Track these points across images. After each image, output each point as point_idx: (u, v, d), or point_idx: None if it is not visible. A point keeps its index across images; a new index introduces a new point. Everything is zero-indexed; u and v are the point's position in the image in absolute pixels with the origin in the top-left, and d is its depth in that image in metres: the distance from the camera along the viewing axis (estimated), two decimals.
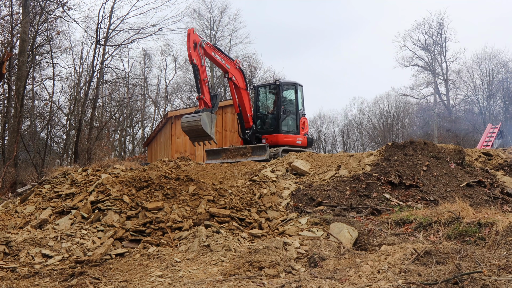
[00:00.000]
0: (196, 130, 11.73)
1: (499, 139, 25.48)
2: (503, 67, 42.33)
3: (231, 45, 39.17)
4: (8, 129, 20.29)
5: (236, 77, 13.96)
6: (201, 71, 12.21)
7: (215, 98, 12.54)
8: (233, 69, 13.87)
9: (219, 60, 13.37)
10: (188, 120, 11.92)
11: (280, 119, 14.73)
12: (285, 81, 16.05)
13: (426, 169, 10.02)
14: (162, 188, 8.47)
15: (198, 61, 12.19)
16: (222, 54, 13.58)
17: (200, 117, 11.66)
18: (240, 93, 14.13)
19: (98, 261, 6.21)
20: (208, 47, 12.77)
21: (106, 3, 21.75)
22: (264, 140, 14.55)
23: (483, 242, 6.43)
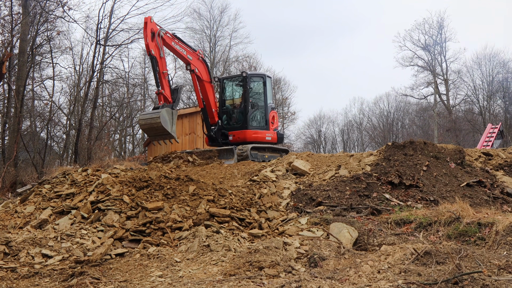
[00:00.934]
0: (156, 128, 10.87)
1: (499, 139, 25.46)
2: (503, 67, 42.30)
3: (231, 45, 39.17)
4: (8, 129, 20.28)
5: (199, 69, 12.99)
6: (160, 63, 11.32)
7: (176, 93, 11.69)
8: (195, 60, 12.91)
9: (180, 51, 12.39)
10: (146, 117, 11.06)
11: (248, 114, 13.76)
12: (253, 73, 14.88)
13: (426, 169, 10.02)
14: (162, 188, 8.47)
15: (156, 52, 11.26)
16: (183, 44, 12.60)
17: (160, 113, 10.76)
18: (204, 86, 13.22)
19: (98, 261, 6.21)
20: (168, 37, 11.80)
21: (106, 3, 21.78)
22: (231, 137, 13.71)
23: (483, 242, 6.43)
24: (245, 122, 13.75)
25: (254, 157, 12.86)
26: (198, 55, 13.03)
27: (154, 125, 10.78)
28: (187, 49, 12.64)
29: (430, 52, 43.65)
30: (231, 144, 13.52)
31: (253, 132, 13.76)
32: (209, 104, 13.44)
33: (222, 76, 14.89)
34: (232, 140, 13.68)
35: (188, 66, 12.84)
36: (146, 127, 11.07)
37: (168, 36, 11.78)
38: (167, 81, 11.40)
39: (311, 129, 54.36)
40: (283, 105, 41.07)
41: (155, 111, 11.05)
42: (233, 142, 13.64)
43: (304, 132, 53.84)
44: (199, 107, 13.84)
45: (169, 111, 10.98)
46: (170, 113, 10.99)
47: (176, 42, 12.18)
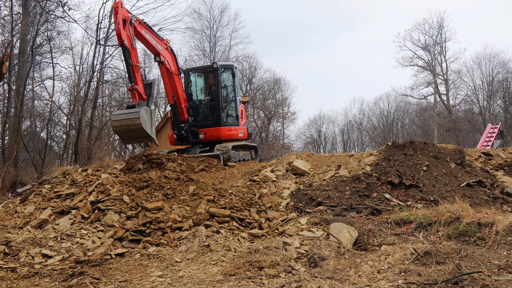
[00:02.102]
0: (133, 130, 9.44)
1: (499, 139, 25.47)
2: (503, 67, 42.32)
3: (231, 45, 39.18)
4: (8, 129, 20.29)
5: (168, 60, 11.74)
6: (133, 55, 9.93)
7: (149, 88, 10.41)
8: (164, 50, 11.64)
9: (150, 41, 10.97)
10: (122, 118, 9.51)
11: (221, 109, 12.68)
12: (223, 63, 13.47)
13: (426, 169, 10.02)
14: (162, 188, 8.47)
15: (128, 42, 9.85)
16: (152, 32, 11.30)
17: (139, 113, 9.34)
18: (173, 79, 11.90)
19: (98, 261, 6.21)
20: (138, 24, 10.43)
21: (106, 3, 21.70)
22: (202, 135, 12.59)
23: (483, 242, 6.43)
24: (218, 118, 12.65)
25: (233, 157, 12.15)
26: (167, 44, 11.86)
27: (132, 126, 9.36)
28: (156, 38, 11.38)
29: (430, 52, 43.69)
30: (201, 143, 12.63)
31: (227, 129, 12.79)
32: (179, 99, 12.20)
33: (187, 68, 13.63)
34: (203, 139, 12.61)
35: (157, 57, 11.46)
36: (121, 129, 9.57)
37: (139, 24, 10.48)
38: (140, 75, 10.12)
39: (311, 129, 54.39)
40: (283, 105, 41.07)
41: (132, 111, 9.58)
42: (204, 140, 12.65)
43: (304, 132, 53.88)
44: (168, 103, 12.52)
45: (148, 110, 9.70)
46: (149, 112, 9.72)
47: (146, 30, 10.87)
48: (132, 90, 9.88)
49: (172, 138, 12.70)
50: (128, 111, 9.66)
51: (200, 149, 12.42)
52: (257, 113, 39.22)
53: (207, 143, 12.57)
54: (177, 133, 12.46)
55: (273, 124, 40.51)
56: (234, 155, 12.24)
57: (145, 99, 9.97)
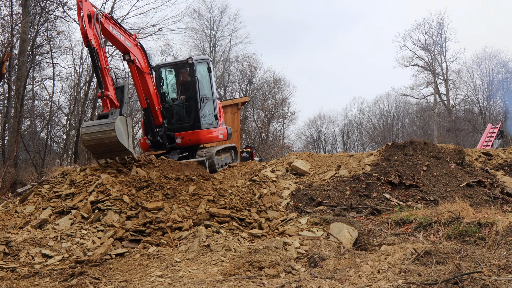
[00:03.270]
0: (108, 144, 8.30)
1: (499, 139, 25.48)
2: (503, 67, 42.33)
3: (231, 45, 39.16)
4: (8, 129, 20.30)
5: (139, 58, 10.31)
6: (101, 56, 8.69)
7: (121, 93, 9.15)
8: (133, 47, 10.21)
9: (118, 37, 9.57)
10: (94, 131, 8.27)
11: (199, 110, 11.34)
12: (198, 57, 11.96)
13: (426, 169, 10.02)
14: (162, 188, 8.47)
15: (96, 41, 8.58)
16: (120, 27, 9.80)
17: (114, 124, 8.16)
18: (145, 79, 10.53)
19: (98, 261, 6.21)
20: (105, 20, 9.12)
21: (106, 3, 21.68)
22: (179, 139, 11.27)
23: (483, 242, 6.43)
24: (196, 120, 11.32)
25: (216, 163, 10.96)
26: (136, 40, 10.39)
27: (106, 140, 8.21)
28: (125, 34, 9.95)
29: (430, 52, 43.70)
30: (179, 148, 11.30)
31: (207, 132, 11.50)
32: (153, 101, 10.81)
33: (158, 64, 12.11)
34: (181, 144, 11.27)
35: (126, 56, 10.05)
36: (94, 143, 8.34)
37: (105, 19, 9.18)
38: (111, 79, 8.93)
39: (311, 129, 54.41)
40: (283, 105, 41.09)
41: (105, 122, 8.34)
42: (182, 145, 11.32)
43: (304, 132, 53.89)
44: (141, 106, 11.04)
45: (123, 120, 8.50)
46: (124, 122, 8.52)
47: (114, 26, 9.50)
48: (102, 97, 8.65)
49: (145, 144, 11.27)
50: (100, 123, 8.35)
51: (178, 155, 11.12)
52: (257, 113, 39.24)
53: (185, 148, 11.35)
54: (153, 140, 11.03)
55: (273, 124, 40.55)
56: (218, 160, 11.14)
57: (117, 106, 8.76)
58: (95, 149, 8.54)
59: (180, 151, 11.26)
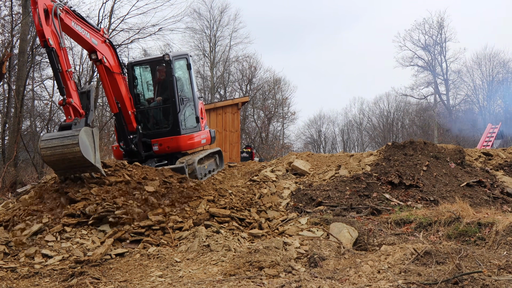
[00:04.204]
0: (71, 159, 7.20)
1: (499, 139, 25.50)
2: (503, 67, 42.36)
3: (231, 45, 39.17)
4: (8, 129, 20.30)
5: (107, 57, 9.03)
6: (62, 58, 7.55)
7: (87, 99, 8.13)
8: (101, 44, 8.90)
9: (82, 34, 8.33)
10: (55, 145, 7.15)
11: (179, 113, 9.96)
12: (176, 54, 10.50)
13: (426, 169, 10.03)
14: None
15: (55, 40, 7.45)
16: (84, 22, 8.48)
17: (77, 137, 7.08)
18: (115, 80, 9.21)
19: (98, 261, 6.22)
20: (66, 15, 7.90)
21: (106, 3, 21.67)
22: (156, 147, 9.90)
23: (483, 242, 6.44)
24: (175, 124, 9.96)
25: (199, 173, 9.66)
26: (104, 36, 9.02)
27: (69, 155, 7.13)
28: (91, 30, 8.62)
29: (430, 52, 43.72)
30: (156, 156, 9.98)
31: (188, 138, 10.10)
32: (125, 105, 9.54)
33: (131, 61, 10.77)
34: (158, 151, 9.91)
35: (92, 54, 8.81)
36: (54, 159, 7.22)
37: (66, 14, 7.93)
38: (74, 83, 7.79)
39: (311, 129, 54.41)
40: (283, 105, 41.11)
41: (67, 134, 7.23)
42: (160, 153, 9.97)
43: (304, 132, 53.90)
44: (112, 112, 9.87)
45: (89, 132, 7.42)
46: (90, 134, 7.43)
47: (77, 22, 8.24)
48: (64, 105, 7.52)
49: (119, 152, 9.99)
50: (62, 135, 7.23)
51: (156, 163, 9.84)
52: (257, 113, 39.26)
53: (164, 156, 10.04)
54: (127, 149, 9.73)
55: (273, 124, 40.57)
56: (200, 169, 9.85)
57: (83, 115, 7.71)
58: (56, 165, 7.41)
59: (158, 159, 10.01)
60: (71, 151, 7.10)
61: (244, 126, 34.48)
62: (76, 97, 7.73)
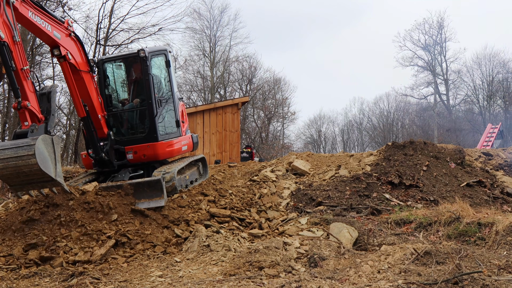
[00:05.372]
0: (27, 173, 6.25)
1: (499, 139, 25.51)
2: (503, 67, 42.38)
3: (231, 45, 39.15)
4: (8, 129, 20.30)
5: (73, 53, 7.87)
6: (16, 53, 6.54)
7: (47, 100, 7.10)
8: (65, 38, 7.74)
9: (42, 26, 7.20)
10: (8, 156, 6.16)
11: (156, 116, 8.77)
12: (152, 49, 9.31)
13: (426, 169, 10.03)
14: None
15: (8, 33, 6.42)
16: (45, 13, 7.33)
17: (35, 147, 6.11)
18: (82, 79, 8.10)
19: (98, 261, 6.21)
20: (21, 4, 6.77)
21: (106, 3, 21.66)
22: (131, 155, 8.71)
23: (483, 242, 6.44)
24: (152, 129, 8.77)
25: (178, 185, 8.53)
26: (68, 29, 7.82)
27: (25, 168, 6.17)
28: (52, 22, 7.45)
29: (430, 52, 43.76)
30: (130, 166, 8.79)
31: (166, 145, 8.89)
32: (94, 108, 8.37)
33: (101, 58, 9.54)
34: (133, 160, 8.73)
35: (54, 50, 7.65)
36: (7, 172, 6.24)
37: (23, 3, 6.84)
38: (31, 84, 6.79)
39: (311, 129, 54.42)
40: (283, 105, 41.12)
41: (22, 143, 6.24)
42: (135, 162, 8.79)
43: (304, 132, 53.91)
44: (78, 116, 8.73)
45: (48, 141, 6.43)
46: (49, 143, 6.45)
47: (35, 12, 7.10)
48: (19, 109, 6.51)
49: (88, 160, 8.84)
50: (16, 144, 6.24)
51: (130, 173, 8.68)
52: (257, 113, 39.25)
53: (139, 165, 8.90)
54: (98, 158, 8.53)
55: (273, 124, 40.56)
56: (180, 181, 8.72)
57: (41, 120, 6.72)
58: (10, 180, 6.42)
59: (133, 169, 8.83)
60: (26, 163, 6.13)
61: (244, 126, 34.48)
62: (34, 100, 6.73)
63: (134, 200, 7.67)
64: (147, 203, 7.66)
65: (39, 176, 6.32)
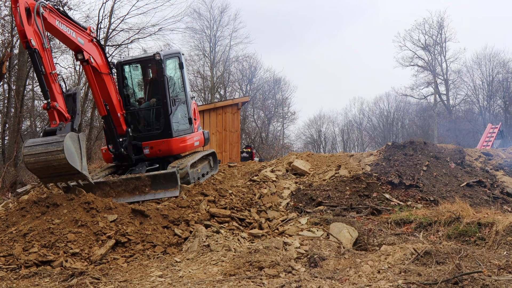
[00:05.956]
0: (56, 167, 6.93)
1: (499, 139, 25.50)
2: (503, 67, 42.37)
3: (231, 45, 39.18)
4: (8, 129, 20.30)
5: (95, 57, 8.68)
6: (45, 59, 7.23)
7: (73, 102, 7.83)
8: (88, 44, 8.53)
9: (67, 34, 7.96)
10: (39, 151, 6.87)
11: (170, 114, 9.62)
12: (167, 52, 10.11)
13: (426, 169, 10.03)
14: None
15: (38, 41, 7.09)
16: (70, 21, 8.10)
17: (62, 144, 6.80)
18: (103, 81, 8.89)
19: (98, 261, 6.21)
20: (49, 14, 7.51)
21: (106, 3, 21.68)
22: (148, 150, 9.60)
23: (483, 242, 6.43)
24: (167, 126, 9.64)
25: (192, 177, 9.25)
26: (90, 35, 8.63)
27: (54, 163, 6.86)
28: (76, 29, 8.24)
29: (430, 52, 43.74)
30: (147, 160, 9.67)
31: (180, 140, 9.77)
32: (114, 107, 9.15)
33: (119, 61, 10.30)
34: (149, 154, 9.62)
35: (79, 55, 8.44)
36: (38, 166, 6.93)
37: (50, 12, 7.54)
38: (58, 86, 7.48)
39: (311, 129, 54.47)
40: (283, 105, 41.12)
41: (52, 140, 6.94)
42: (151, 156, 9.68)
43: (304, 132, 53.97)
44: (100, 114, 9.44)
45: (75, 138, 7.14)
46: (76, 139, 7.16)
47: (61, 20, 7.85)
48: (48, 109, 7.19)
49: (108, 154, 9.66)
50: (46, 141, 6.94)
51: (147, 167, 9.48)
52: (257, 113, 39.27)
53: (155, 159, 9.75)
54: (117, 153, 9.38)
55: (273, 124, 40.59)
56: (193, 174, 9.40)
57: (68, 119, 7.40)
58: (41, 172, 7.12)
59: (149, 163, 9.67)
60: (55, 158, 6.83)
61: (244, 126, 34.47)
62: (61, 101, 7.42)
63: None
64: (163, 193, 8.36)
65: (67, 169, 7.02)
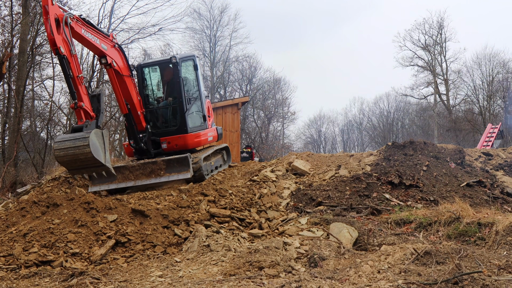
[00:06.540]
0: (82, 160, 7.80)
1: (499, 139, 25.48)
2: (503, 67, 42.31)
3: (231, 45, 39.19)
4: (8, 129, 20.29)
5: (117, 61, 9.56)
6: (73, 64, 8.02)
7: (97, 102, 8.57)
8: (110, 49, 9.41)
9: (92, 41, 8.87)
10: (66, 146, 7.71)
11: (186, 112, 10.59)
12: (183, 55, 11.24)
13: (426, 169, 10.02)
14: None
15: (66, 48, 7.91)
16: (94, 29, 8.97)
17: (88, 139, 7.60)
18: (124, 82, 9.77)
19: (98, 261, 6.21)
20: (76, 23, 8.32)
21: (106, 3, 21.72)
22: (165, 144, 10.56)
23: (483, 242, 6.43)
24: (183, 123, 10.59)
25: (204, 170, 10.09)
26: (113, 41, 9.54)
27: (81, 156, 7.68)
28: (100, 36, 9.11)
29: (430, 52, 43.69)
30: (165, 154, 10.51)
31: (195, 136, 10.70)
32: (134, 106, 10.05)
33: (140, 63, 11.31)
34: (166, 149, 10.56)
35: (102, 59, 9.35)
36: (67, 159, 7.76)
37: (76, 22, 8.32)
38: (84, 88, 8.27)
39: (311, 129, 54.47)
40: (283, 105, 41.11)
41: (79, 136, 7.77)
42: (168, 151, 10.57)
43: (304, 132, 53.96)
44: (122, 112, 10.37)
45: (99, 134, 7.94)
46: (100, 136, 7.96)
47: (87, 29, 8.69)
48: (76, 108, 7.99)
49: (129, 149, 10.60)
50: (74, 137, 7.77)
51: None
52: (257, 113, 39.26)
53: (172, 154, 10.47)
54: (137, 147, 10.33)
55: (273, 124, 40.59)
56: (206, 166, 10.30)
57: (93, 117, 8.18)
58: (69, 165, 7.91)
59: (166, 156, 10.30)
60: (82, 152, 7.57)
61: (244, 126, 34.47)
62: (87, 101, 8.14)
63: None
64: (177, 176, 9.41)
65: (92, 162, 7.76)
